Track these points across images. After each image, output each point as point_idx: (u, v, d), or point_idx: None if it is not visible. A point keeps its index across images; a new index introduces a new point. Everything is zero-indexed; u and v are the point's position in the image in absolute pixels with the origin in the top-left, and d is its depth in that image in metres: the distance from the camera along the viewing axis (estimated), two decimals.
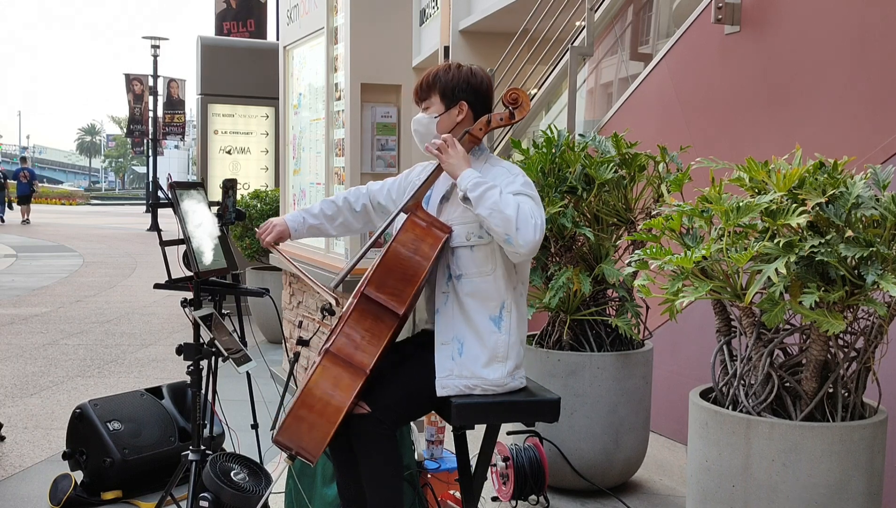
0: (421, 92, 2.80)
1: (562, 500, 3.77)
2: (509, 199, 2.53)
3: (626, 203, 3.80)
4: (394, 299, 2.57)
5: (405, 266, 2.58)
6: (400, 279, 2.58)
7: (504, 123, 2.77)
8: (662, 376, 4.55)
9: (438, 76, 2.75)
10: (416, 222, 2.65)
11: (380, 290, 2.58)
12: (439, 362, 2.67)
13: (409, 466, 3.16)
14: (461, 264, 2.67)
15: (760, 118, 4.25)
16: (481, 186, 2.54)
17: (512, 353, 2.69)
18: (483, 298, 2.66)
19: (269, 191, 8.95)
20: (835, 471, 2.52)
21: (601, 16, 6.00)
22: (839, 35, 3.87)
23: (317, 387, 2.53)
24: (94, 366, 6.95)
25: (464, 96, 2.74)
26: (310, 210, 2.96)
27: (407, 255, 2.59)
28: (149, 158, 28.87)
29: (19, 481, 4.28)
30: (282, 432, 2.54)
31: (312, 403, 2.52)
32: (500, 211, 2.50)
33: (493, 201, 2.51)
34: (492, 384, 2.67)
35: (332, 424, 2.50)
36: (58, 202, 44.56)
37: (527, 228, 2.50)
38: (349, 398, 2.52)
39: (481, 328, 2.65)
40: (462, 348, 2.66)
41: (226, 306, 3.79)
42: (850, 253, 2.41)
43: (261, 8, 16.24)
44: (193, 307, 3.48)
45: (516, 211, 2.50)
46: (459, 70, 2.76)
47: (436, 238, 2.62)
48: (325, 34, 5.81)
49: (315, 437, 2.51)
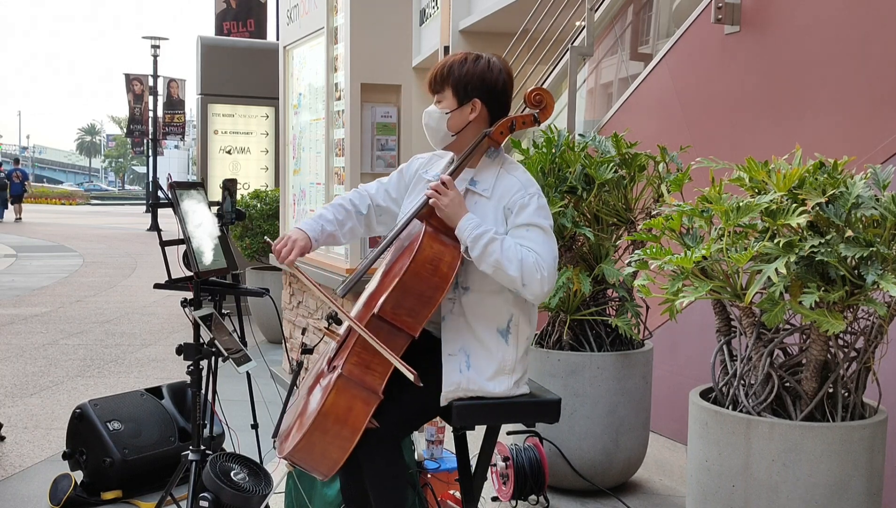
0: (434, 84, 2.62)
1: (562, 500, 3.76)
2: (512, 253, 2.43)
3: (626, 203, 3.80)
4: (410, 322, 2.48)
5: (423, 288, 2.47)
6: (417, 301, 2.47)
7: (527, 126, 2.65)
8: (662, 376, 4.55)
9: (453, 68, 2.57)
10: (433, 236, 2.52)
11: (396, 310, 2.47)
12: (447, 375, 2.58)
13: (409, 466, 3.16)
14: (469, 278, 2.57)
15: (760, 118, 4.25)
16: (480, 242, 2.43)
17: (519, 366, 2.64)
18: (491, 312, 2.58)
19: (269, 191, 8.95)
20: (835, 471, 2.52)
21: (601, 16, 6.00)
22: (839, 35, 3.87)
23: (332, 411, 2.45)
24: (94, 366, 6.95)
25: (477, 94, 2.58)
26: (324, 216, 2.74)
27: (426, 276, 2.47)
28: (149, 158, 28.88)
29: (19, 481, 4.28)
30: (294, 453, 2.48)
31: (327, 427, 2.45)
32: (504, 271, 2.42)
33: (495, 259, 2.42)
34: (497, 396, 2.62)
35: (346, 449, 2.45)
36: (58, 202, 44.56)
37: (532, 283, 2.43)
38: (363, 423, 2.45)
39: (488, 342, 2.58)
40: (469, 359, 2.58)
41: (226, 306, 3.79)
42: (850, 253, 2.40)
43: (261, 8, 16.23)
44: (193, 307, 3.48)
45: (520, 269, 2.42)
46: (476, 63, 2.58)
47: (453, 258, 2.49)
48: (325, 34, 5.81)
49: (328, 460, 2.47)
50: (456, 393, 2.59)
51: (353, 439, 2.45)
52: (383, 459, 2.58)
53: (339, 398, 2.46)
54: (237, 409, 3.96)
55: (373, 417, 2.51)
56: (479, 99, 2.58)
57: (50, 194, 47.59)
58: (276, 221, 7.89)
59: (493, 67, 2.59)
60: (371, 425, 2.50)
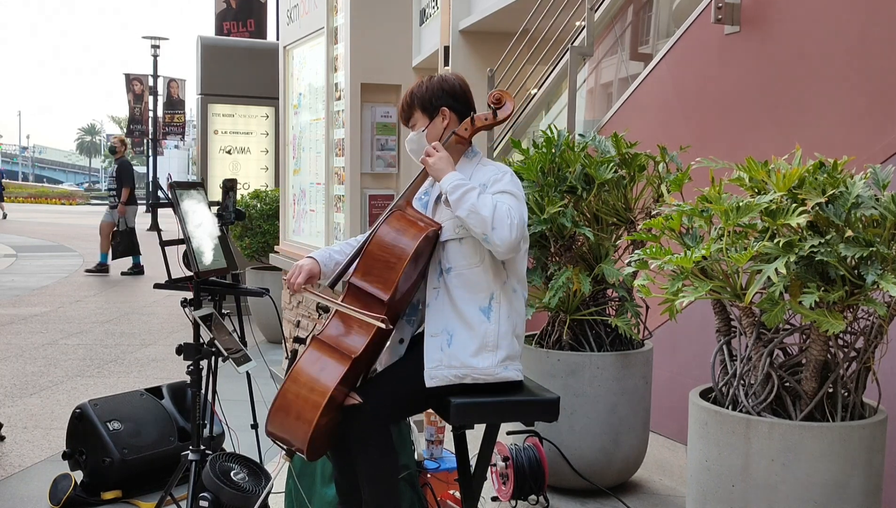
0: (404, 114, 2.91)
1: (561, 500, 3.77)
2: (487, 199, 2.61)
3: (626, 203, 3.80)
4: (380, 286, 2.63)
5: (388, 253, 2.65)
6: (384, 266, 2.64)
7: (489, 122, 2.84)
8: (662, 376, 4.55)
9: (414, 93, 2.87)
10: (401, 214, 2.74)
11: (365, 278, 2.65)
12: (428, 352, 2.71)
13: (408, 466, 3.16)
14: (450, 258, 2.74)
15: (760, 118, 4.25)
16: (460, 189, 2.63)
17: (503, 343, 2.72)
18: (472, 288, 2.72)
19: (269, 191, 8.95)
20: (834, 471, 2.52)
21: (601, 16, 6.01)
22: (839, 35, 3.87)
23: (302, 373, 2.59)
24: (93, 366, 6.95)
25: (442, 103, 2.83)
26: (332, 248, 2.96)
27: (389, 243, 2.66)
28: (149, 158, 28.88)
29: (19, 481, 4.27)
30: (270, 420, 2.59)
31: (298, 389, 2.57)
32: (477, 212, 2.59)
33: (471, 202, 2.60)
34: (482, 373, 2.69)
35: (317, 408, 2.53)
36: (58, 202, 44.57)
37: (502, 227, 2.58)
38: (334, 382, 2.55)
39: (471, 319, 2.70)
40: (451, 339, 2.70)
41: (226, 306, 3.79)
42: (850, 253, 2.41)
43: (261, 8, 16.24)
44: (193, 307, 3.48)
45: (492, 211, 2.58)
46: (431, 80, 2.87)
47: (419, 229, 2.69)
48: (325, 34, 5.81)
49: (303, 423, 2.54)
50: (439, 370, 2.69)
51: (325, 396, 2.53)
52: (376, 450, 2.66)
53: (311, 356, 2.61)
54: (237, 409, 3.95)
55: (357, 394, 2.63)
56: (446, 106, 2.84)
57: (50, 193, 47.59)
58: (276, 221, 7.89)
59: (447, 78, 2.89)
60: (353, 399, 2.62)
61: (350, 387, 2.66)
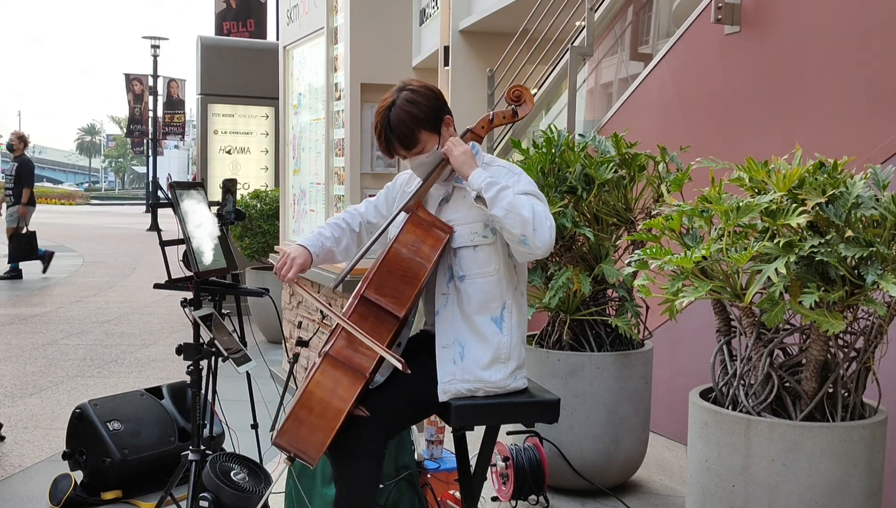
0: (405, 147, 2.63)
1: (562, 500, 3.76)
2: (523, 200, 2.49)
3: (626, 203, 3.80)
4: (394, 302, 2.54)
5: (405, 268, 2.55)
6: (400, 281, 2.54)
7: (507, 120, 2.73)
8: (662, 376, 4.55)
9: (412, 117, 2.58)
10: (417, 222, 2.61)
11: (379, 292, 2.54)
12: (441, 366, 2.63)
13: (409, 466, 3.16)
14: (464, 265, 2.63)
15: (760, 118, 4.25)
16: (495, 186, 2.49)
17: (514, 354, 2.67)
18: (485, 299, 2.63)
19: (269, 191, 8.95)
20: (834, 471, 2.52)
21: (601, 16, 6.00)
22: (839, 35, 3.87)
23: (317, 390, 2.50)
24: (94, 366, 6.95)
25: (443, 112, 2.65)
26: (322, 233, 2.80)
27: (407, 256, 2.55)
28: (149, 158, 28.90)
29: (19, 481, 4.28)
30: (281, 435, 2.51)
31: (312, 406, 2.49)
32: (517, 212, 2.46)
33: (509, 201, 2.47)
34: (493, 386, 2.65)
35: (332, 428, 2.47)
36: (57, 202, 44.58)
37: (543, 229, 2.48)
38: (349, 402, 2.49)
39: (483, 330, 2.63)
40: (464, 351, 2.63)
41: (226, 306, 3.79)
42: (850, 253, 2.40)
43: (261, 8, 16.25)
44: (193, 307, 3.48)
45: (532, 212, 2.46)
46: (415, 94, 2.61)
47: (437, 239, 2.59)
48: (325, 34, 5.82)
49: (314, 440, 2.48)
50: (452, 384, 2.62)
51: (339, 418, 2.47)
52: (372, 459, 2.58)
53: (324, 376, 2.51)
54: (237, 409, 3.96)
55: (364, 407, 2.55)
56: (447, 114, 2.67)
57: (50, 193, 47.59)
58: (276, 221, 7.89)
59: (420, 85, 2.65)
60: (360, 412, 2.54)
61: (359, 401, 2.58)
